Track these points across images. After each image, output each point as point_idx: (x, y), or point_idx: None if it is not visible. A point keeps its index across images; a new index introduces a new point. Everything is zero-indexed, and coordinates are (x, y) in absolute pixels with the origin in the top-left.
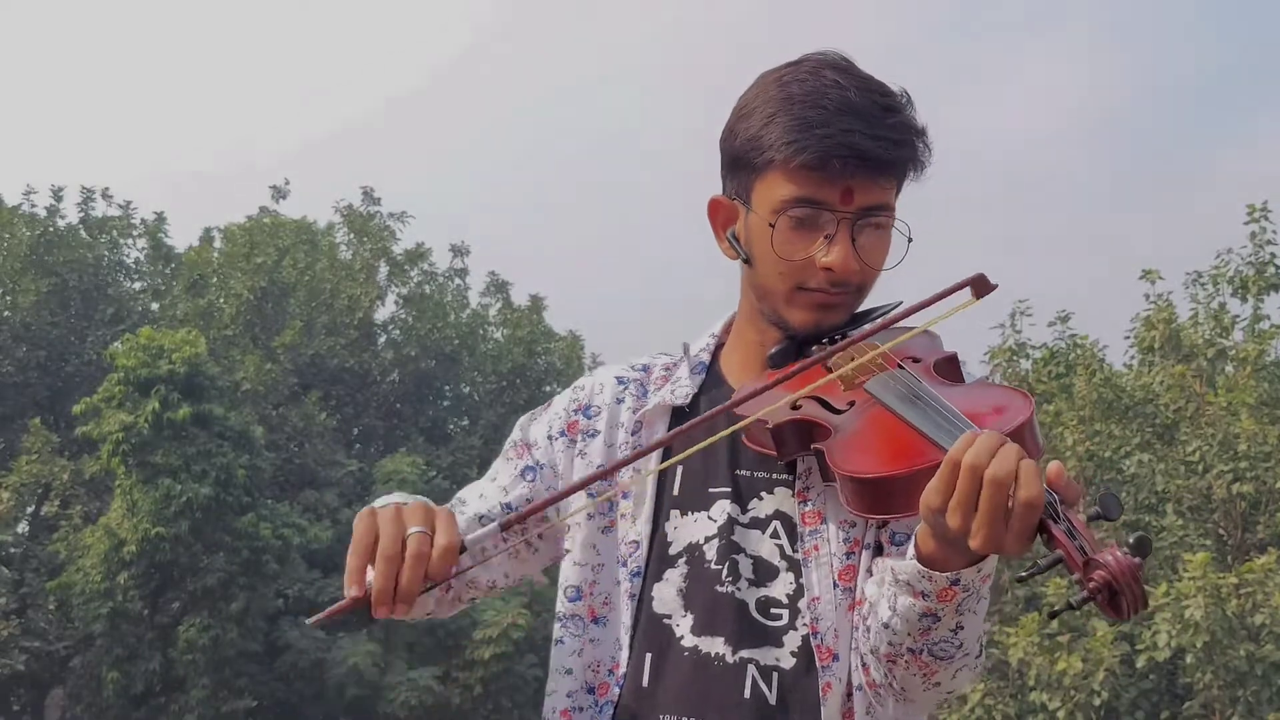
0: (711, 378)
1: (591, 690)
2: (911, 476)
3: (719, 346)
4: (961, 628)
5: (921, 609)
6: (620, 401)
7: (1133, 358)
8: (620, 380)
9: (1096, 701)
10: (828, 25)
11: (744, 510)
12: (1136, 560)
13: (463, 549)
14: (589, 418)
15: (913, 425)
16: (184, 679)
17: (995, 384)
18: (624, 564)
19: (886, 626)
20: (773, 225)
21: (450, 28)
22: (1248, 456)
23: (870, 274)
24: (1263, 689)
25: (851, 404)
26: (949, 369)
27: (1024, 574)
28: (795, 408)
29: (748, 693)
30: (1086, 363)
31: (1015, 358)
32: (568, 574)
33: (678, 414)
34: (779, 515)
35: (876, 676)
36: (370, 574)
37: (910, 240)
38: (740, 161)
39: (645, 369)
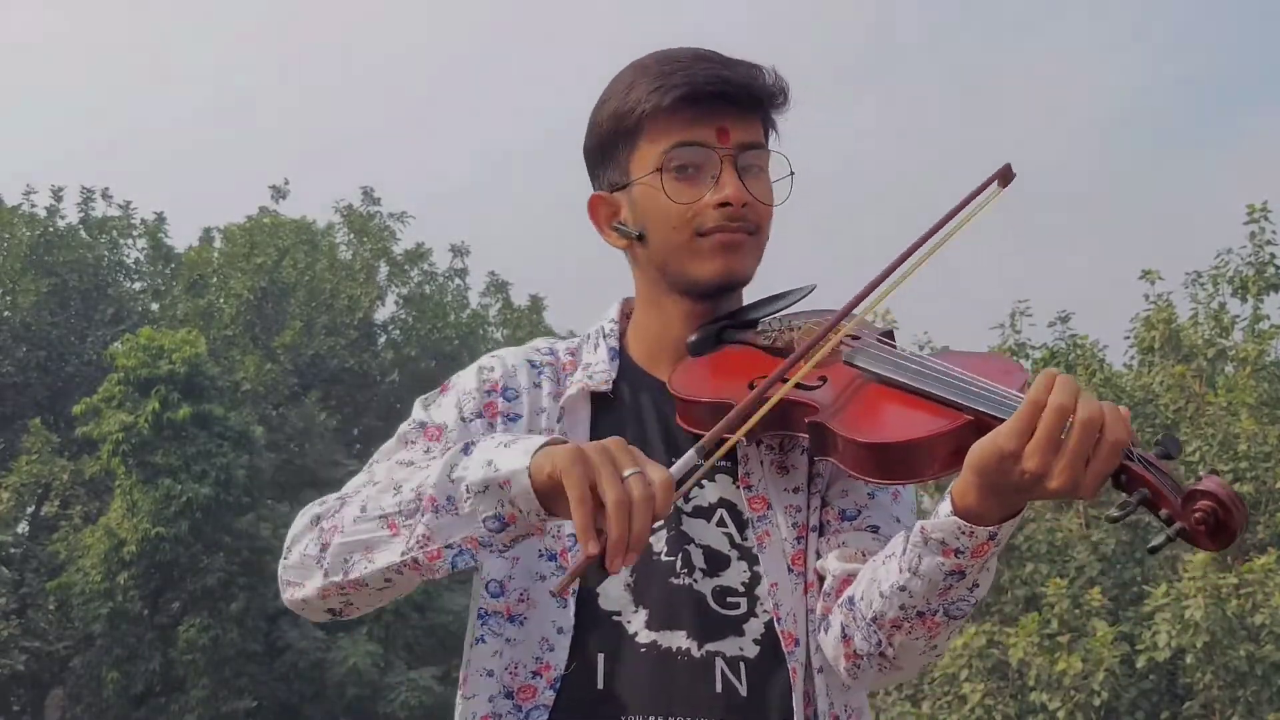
0: (625, 363)
1: (510, 695)
2: (938, 439)
3: (622, 333)
4: (978, 585)
5: (950, 567)
6: (538, 386)
7: (1133, 358)
8: (533, 364)
9: (1096, 702)
10: (826, 26)
11: (686, 499)
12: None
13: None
14: (509, 400)
15: (922, 391)
16: (184, 679)
17: (969, 351)
18: (551, 558)
19: (903, 589)
20: (660, 170)
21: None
22: (1248, 456)
23: (765, 212)
24: (1263, 689)
25: (823, 380)
26: (891, 344)
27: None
28: (765, 398)
29: (718, 686)
30: (1086, 363)
31: (1015, 358)
32: (492, 567)
33: (599, 400)
34: (723, 503)
35: (864, 647)
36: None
37: (793, 174)
38: (610, 142)
39: (551, 353)
